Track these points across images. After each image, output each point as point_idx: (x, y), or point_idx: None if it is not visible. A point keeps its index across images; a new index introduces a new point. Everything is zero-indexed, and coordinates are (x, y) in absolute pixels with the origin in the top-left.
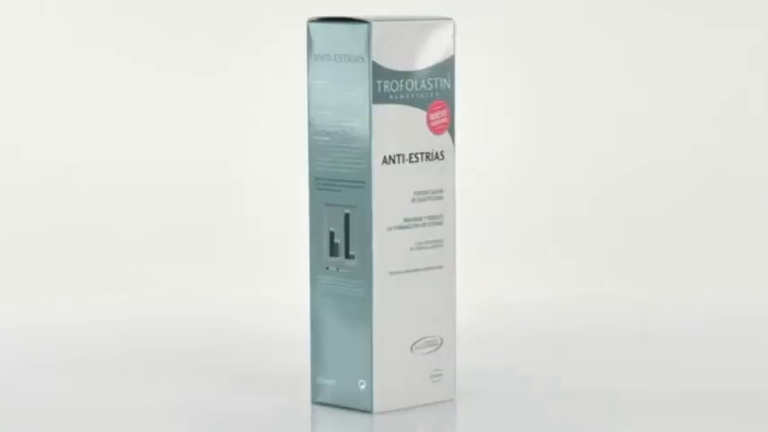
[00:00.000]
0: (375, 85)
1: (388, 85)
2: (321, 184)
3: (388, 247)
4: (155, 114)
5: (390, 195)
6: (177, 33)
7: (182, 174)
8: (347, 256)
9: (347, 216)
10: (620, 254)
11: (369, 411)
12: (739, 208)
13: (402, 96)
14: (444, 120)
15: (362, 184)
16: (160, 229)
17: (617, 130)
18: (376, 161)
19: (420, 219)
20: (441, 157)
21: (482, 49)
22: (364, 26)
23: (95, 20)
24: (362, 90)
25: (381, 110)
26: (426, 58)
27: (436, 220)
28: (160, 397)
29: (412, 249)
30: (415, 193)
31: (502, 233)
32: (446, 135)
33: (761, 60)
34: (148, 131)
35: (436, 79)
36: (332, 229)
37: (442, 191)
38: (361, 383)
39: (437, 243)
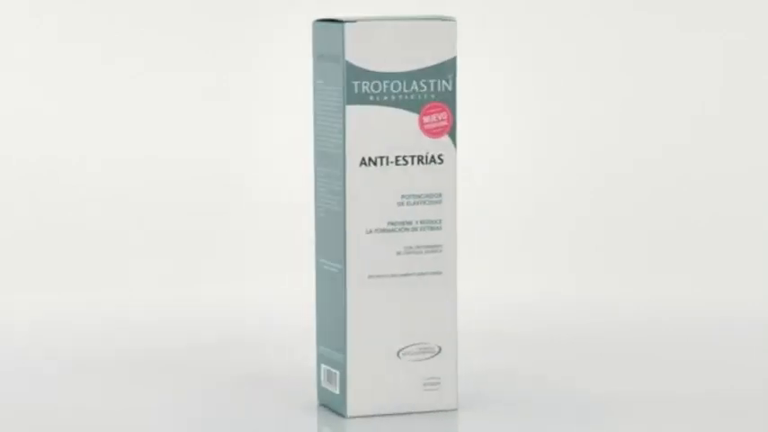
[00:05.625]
0: (350, 86)
1: (368, 86)
2: (320, 184)
3: (367, 251)
4: (157, 113)
5: (371, 198)
6: (175, 32)
7: (178, 172)
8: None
9: (322, 219)
10: (621, 254)
11: (342, 415)
12: (740, 208)
13: (386, 98)
14: (443, 123)
15: (340, 185)
16: (159, 228)
17: (617, 130)
18: (352, 163)
19: (410, 223)
20: (438, 161)
21: (482, 50)
22: (339, 26)
23: (96, 20)
24: (338, 91)
25: (357, 111)
26: (416, 60)
27: (432, 225)
28: (157, 399)
29: (399, 254)
30: (402, 196)
31: (501, 233)
32: (445, 139)
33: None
34: (151, 130)
35: (432, 81)
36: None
37: (440, 195)
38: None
39: (434, 248)
